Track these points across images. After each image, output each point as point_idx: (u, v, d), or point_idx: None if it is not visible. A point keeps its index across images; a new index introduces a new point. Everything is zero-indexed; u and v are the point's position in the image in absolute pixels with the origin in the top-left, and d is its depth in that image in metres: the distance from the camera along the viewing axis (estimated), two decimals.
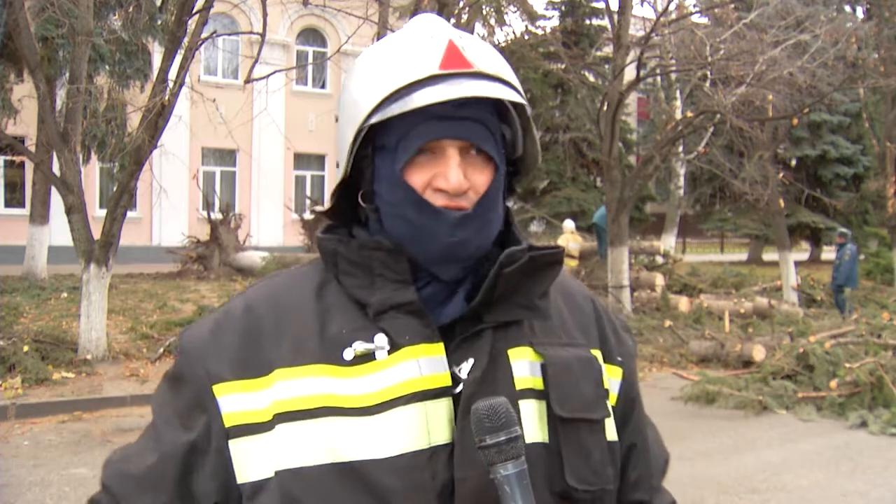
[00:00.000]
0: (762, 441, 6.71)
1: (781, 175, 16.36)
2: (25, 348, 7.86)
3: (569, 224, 14.92)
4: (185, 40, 7.36)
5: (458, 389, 0.95)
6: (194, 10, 7.30)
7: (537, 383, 1.00)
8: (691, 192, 25.28)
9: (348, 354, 0.95)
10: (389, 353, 0.95)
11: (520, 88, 1.00)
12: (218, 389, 0.98)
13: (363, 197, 1.02)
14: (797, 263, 16.11)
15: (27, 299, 11.36)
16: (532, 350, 1.01)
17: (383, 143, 0.98)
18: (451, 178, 0.96)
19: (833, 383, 7.82)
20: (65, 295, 11.89)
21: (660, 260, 15.59)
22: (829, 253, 17.02)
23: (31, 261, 13.77)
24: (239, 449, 0.96)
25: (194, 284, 13.69)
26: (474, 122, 0.97)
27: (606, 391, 1.06)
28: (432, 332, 0.96)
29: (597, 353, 1.07)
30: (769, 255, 24.32)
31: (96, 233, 7.58)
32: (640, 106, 27.47)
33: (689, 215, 27.52)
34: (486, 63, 0.97)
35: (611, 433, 1.04)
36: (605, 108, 12.54)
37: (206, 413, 0.98)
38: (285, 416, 0.94)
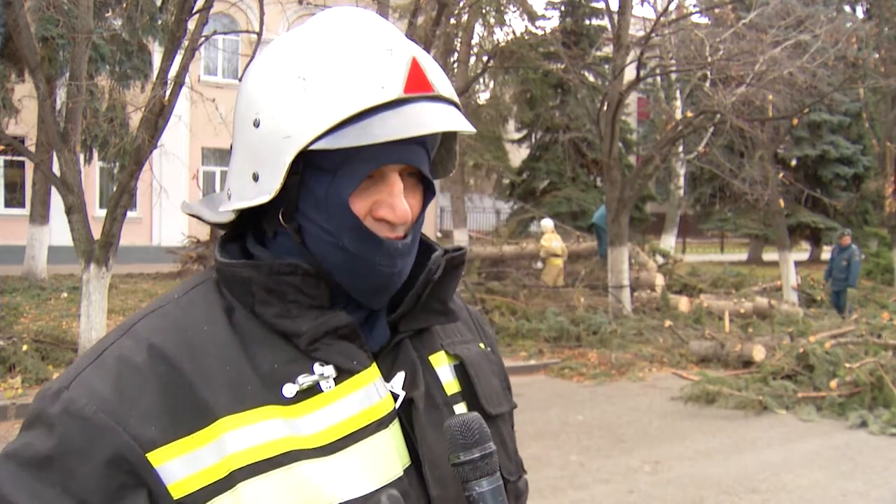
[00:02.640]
0: (762, 441, 6.71)
1: (781, 175, 16.34)
2: (25, 348, 7.86)
3: (548, 223, 14.86)
4: (185, 40, 7.35)
5: (397, 405, 0.91)
6: (194, 10, 7.29)
7: (457, 385, 1.00)
8: (691, 192, 25.28)
9: (289, 391, 0.86)
10: (336, 381, 0.88)
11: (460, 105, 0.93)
12: (155, 457, 0.81)
13: (283, 215, 0.90)
14: (797, 263, 16.10)
15: (27, 299, 11.36)
16: (445, 353, 1.01)
17: (320, 162, 0.87)
18: (397, 208, 0.88)
19: (833, 383, 7.82)
20: (65, 295, 11.90)
21: (660, 260, 15.59)
22: (829, 253, 17.02)
23: (31, 261, 13.78)
24: None
25: None
26: (418, 144, 0.89)
27: (507, 381, 1.10)
28: (368, 354, 0.91)
29: (483, 347, 1.09)
30: (769, 255, 24.32)
31: (96, 233, 7.56)
32: (640, 106, 27.48)
33: (689, 215, 27.52)
34: (442, 83, 0.89)
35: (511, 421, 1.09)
36: (605, 108, 12.54)
37: (141, 489, 0.80)
38: (247, 471, 0.82)
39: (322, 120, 0.83)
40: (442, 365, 0.99)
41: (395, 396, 0.92)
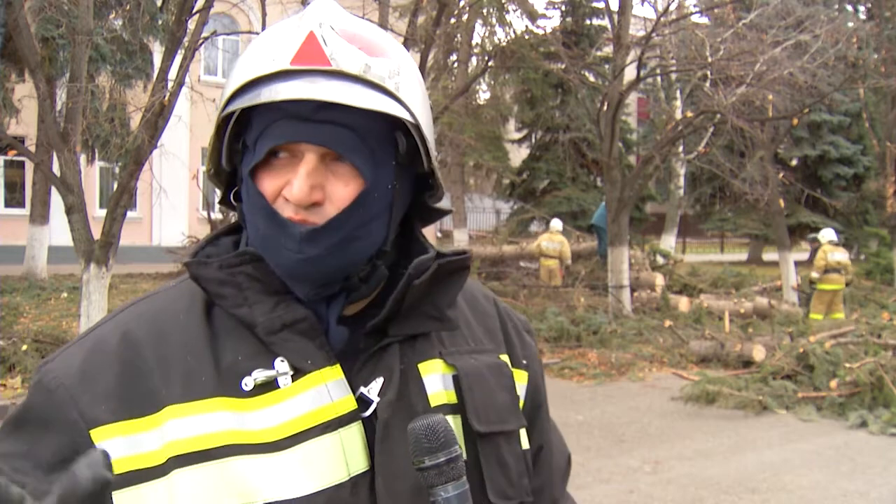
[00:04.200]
0: (762, 441, 6.72)
1: (781, 175, 16.36)
2: (25, 348, 7.86)
3: (554, 224, 14.82)
4: (185, 40, 7.35)
5: (369, 412, 0.88)
6: (194, 10, 7.30)
7: (451, 397, 0.94)
8: (691, 192, 25.29)
9: (247, 384, 0.86)
10: (293, 378, 0.86)
11: (398, 94, 0.87)
12: (97, 434, 0.83)
13: (235, 196, 0.93)
14: (797, 263, 16.10)
15: (27, 299, 11.37)
16: (443, 362, 0.95)
17: (245, 140, 0.89)
18: (294, 188, 0.85)
19: (833, 383, 7.82)
20: (65, 295, 11.91)
21: (660, 261, 15.58)
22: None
23: (31, 261, 13.78)
24: (127, 502, 0.83)
25: None
26: (341, 127, 0.85)
27: (518, 398, 1.01)
28: (327, 353, 0.88)
29: (505, 359, 1.02)
30: (769, 255, 24.32)
31: (96, 233, 7.56)
32: (640, 106, 27.47)
33: (689, 215, 27.51)
34: (350, 61, 0.85)
35: (524, 441, 1.00)
36: (605, 108, 12.54)
37: None
38: (182, 460, 0.83)
39: (229, 89, 0.87)
40: (433, 373, 0.94)
41: (370, 402, 0.88)
